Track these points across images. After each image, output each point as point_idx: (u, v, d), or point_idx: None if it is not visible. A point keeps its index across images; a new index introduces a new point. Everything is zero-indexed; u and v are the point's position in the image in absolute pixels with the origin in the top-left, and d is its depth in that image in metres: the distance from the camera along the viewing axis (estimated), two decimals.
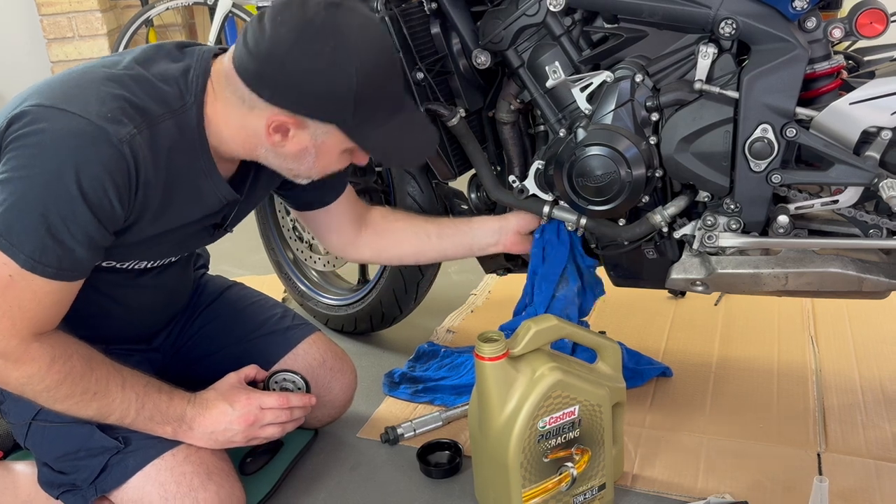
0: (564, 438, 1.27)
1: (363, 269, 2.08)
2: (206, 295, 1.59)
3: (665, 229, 1.44)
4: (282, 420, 1.34)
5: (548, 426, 1.24)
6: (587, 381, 1.28)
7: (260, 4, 1.81)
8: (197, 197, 1.25)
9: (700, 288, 1.46)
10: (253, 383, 1.40)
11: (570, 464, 1.28)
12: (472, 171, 1.64)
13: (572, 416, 1.26)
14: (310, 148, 1.19)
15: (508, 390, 1.24)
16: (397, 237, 1.60)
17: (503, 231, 1.58)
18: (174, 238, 1.29)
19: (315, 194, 1.51)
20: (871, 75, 1.33)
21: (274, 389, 1.42)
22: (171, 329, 1.54)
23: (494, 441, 1.26)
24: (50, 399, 1.18)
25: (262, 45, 1.11)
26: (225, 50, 1.23)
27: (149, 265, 1.33)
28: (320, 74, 1.11)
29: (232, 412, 1.30)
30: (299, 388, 1.44)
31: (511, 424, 1.23)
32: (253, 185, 1.36)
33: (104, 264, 1.23)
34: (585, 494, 1.32)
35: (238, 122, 1.19)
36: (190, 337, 1.55)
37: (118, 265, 1.27)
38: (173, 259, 1.39)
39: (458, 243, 1.59)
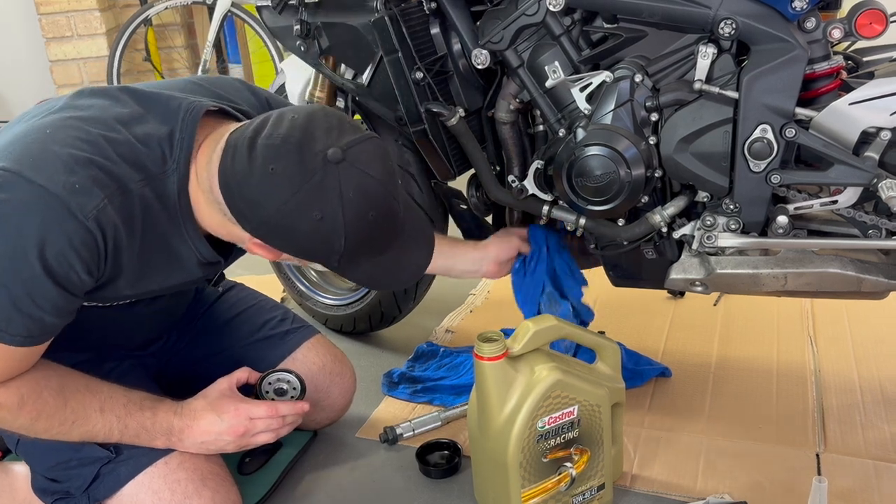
0: (563, 438, 1.27)
1: None
2: (205, 298, 1.57)
3: (664, 229, 1.44)
4: (273, 428, 1.32)
5: (547, 426, 1.24)
6: (586, 382, 1.28)
7: (259, 4, 1.81)
8: (175, 261, 1.20)
9: (699, 288, 1.46)
10: (247, 386, 1.38)
11: (569, 464, 1.28)
12: (472, 171, 1.63)
13: (571, 416, 1.26)
14: (294, 260, 1.19)
15: (508, 390, 1.24)
16: None
17: (484, 261, 1.58)
18: (157, 291, 1.25)
19: None
20: (871, 76, 1.33)
21: (267, 392, 1.40)
22: (168, 335, 1.52)
23: (493, 441, 1.26)
24: (30, 433, 1.17)
25: (249, 187, 1.06)
26: (217, 107, 1.18)
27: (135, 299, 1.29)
28: (305, 237, 1.08)
29: (221, 423, 1.27)
30: (294, 389, 1.43)
31: (510, 424, 1.23)
32: (238, 251, 1.31)
33: (86, 303, 1.17)
34: (584, 494, 1.32)
35: (219, 220, 1.14)
36: (188, 342, 1.53)
37: (102, 305, 1.23)
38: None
39: (438, 265, 1.54)
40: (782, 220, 1.32)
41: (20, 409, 1.13)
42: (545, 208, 1.53)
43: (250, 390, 1.38)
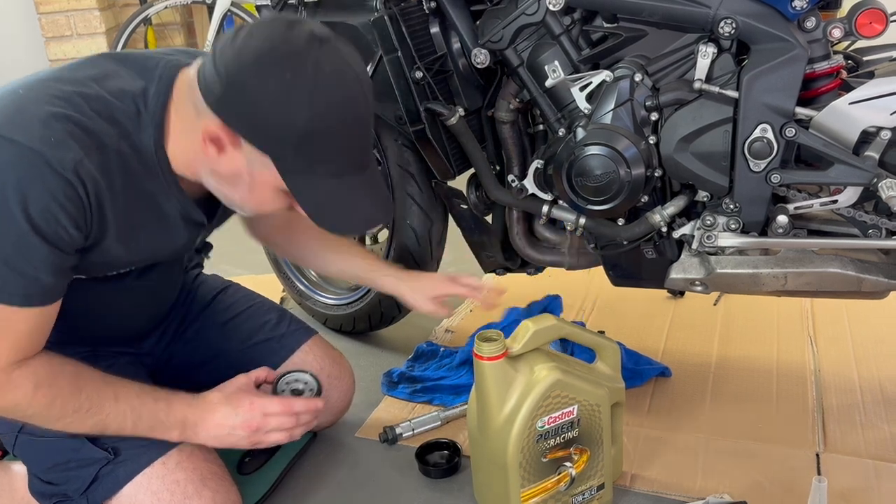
0: (563, 438, 1.27)
1: None
2: (199, 299, 1.56)
3: (664, 229, 1.44)
4: (287, 426, 1.31)
5: (546, 426, 1.24)
6: (586, 381, 1.28)
7: (259, 3, 1.81)
8: (161, 219, 1.20)
9: (699, 288, 1.46)
10: (266, 385, 1.38)
11: (568, 463, 1.28)
12: (472, 171, 1.63)
13: (571, 416, 1.26)
14: (243, 174, 1.11)
15: (507, 390, 1.24)
16: (303, 246, 1.58)
17: (415, 291, 1.53)
18: (144, 258, 1.26)
19: None
20: (871, 75, 1.33)
21: (283, 391, 1.40)
22: (163, 333, 1.50)
23: (493, 441, 1.25)
24: (43, 422, 1.16)
25: (228, 52, 1.04)
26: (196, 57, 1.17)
27: (118, 273, 1.28)
28: (269, 98, 1.03)
29: (235, 417, 1.26)
30: (311, 390, 1.41)
31: (510, 424, 1.23)
32: (223, 213, 1.31)
33: (79, 276, 1.18)
34: (584, 494, 1.32)
35: (188, 136, 1.12)
36: (183, 344, 1.52)
37: (91, 278, 1.23)
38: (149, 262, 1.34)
39: (358, 266, 1.55)
40: (782, 219, 1.32)
41: (35, 393, 1.12)
42: (545, 208, 1.53)
43: (266, 391, 1.37)
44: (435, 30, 1.54)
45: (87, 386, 1.18)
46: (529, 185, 1.52)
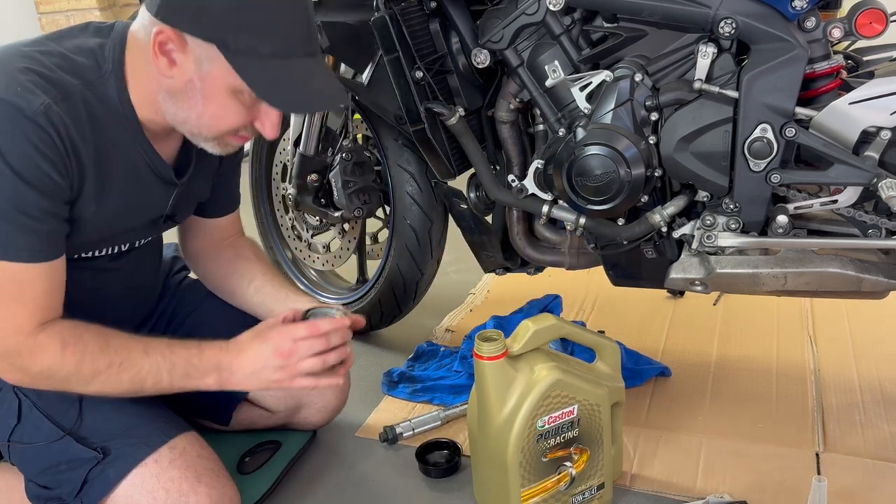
0: (563, 438, 1.27)
1: (362, 268, 2.07)
2: (187, 302, 1.56)
3: (664, 229, 1.44)
4: (318, 349, 1.27)
5: (547, 425, 1.24)
6: (586, 381, 1.28)
7: None
8: (131, 172, 1.22)
9: (699, 287, 1.46)
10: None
11: (568, 463, 1.28)
12: (472, 171, 1.63)
13: (571, 416, 1.26)
14: (195, 81, 1.12)
15: (507, 389, 1.24)
16: (225, 271, 1.54)
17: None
18: (120, 224, 1.26)
19: (208, 203, 1.48)
20: (871, 75, 1.33)
21: None
22: (150, 334, 1.49)
23: (493, 440, 1.26)
24: (80, 382, 1.17)
25: None
26: None
27: (97, 253, 1.30)
28: None
29: (266, 348, 1.25)
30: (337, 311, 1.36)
31: (510, 424, 1.23)
32: (194, 174, 1.34)
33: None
34: (584, 494, 1.32)
35: (144, 66, 1.14)
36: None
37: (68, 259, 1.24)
38: (125, 248, 1.35)
39: (266, 304, 1.48)
40: (782, 219, 1.32)
41: (63, 352, 1.14)
42: (545, 208, 1.53)
43: None
44: (435, 29, 1.54)
45: (114, 341, 1.19)
46: (529, 184, 1.52)
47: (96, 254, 1.30)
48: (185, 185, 1.34)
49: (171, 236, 1.54)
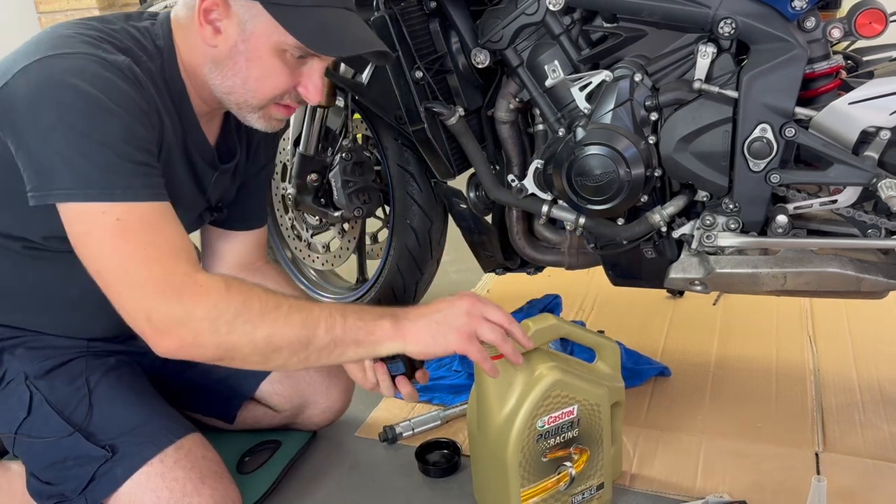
0: (563, 438, 1.27)
1: (362, 268, 2.07)
2: None
3: (664, 229, 1.44)
4: (498, 336, 1.17)
5: (546, 426, 1.24)
6: (586, 381, 1.28)
7: None
8: (184, 148, 1.24)
9: (699, 287, 1.46)
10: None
11: (568, 463, 1.28)
12: (471, 170, 1.63)
13: (571, 416, 1.26)
14: (239, 44, 1.14)
15: (507, 389, 1.24)
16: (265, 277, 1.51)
17: None
18: (175, 208, 1.25)
19: (235, 212, 1.47)
20: (870, 75, 1.33)
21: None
22: None
23: (493, 440, 1.26)
24: (248, 325, 1.06)
25: None
26: None
27: None
28: None
29: (449, 301, 1.16)
30: None
31: (510, 424, 1.23)
32: (239, 160, 1.35)
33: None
34: (584, 494, 1.32)
35: (190, 41, 1.18)
36: None
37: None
38: None
39: None
40: (782, 219, 1.32)
41: (228, 291, 1.07)
42: (545, 207, 1.53)
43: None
44: (435, 29, 1.54)
45: (279, 294, 1.12)
46: (529, 184, 1.52)
47: None
48: (222, 174, 1.34)
49: None
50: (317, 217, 1.97)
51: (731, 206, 1.35)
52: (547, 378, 1.23)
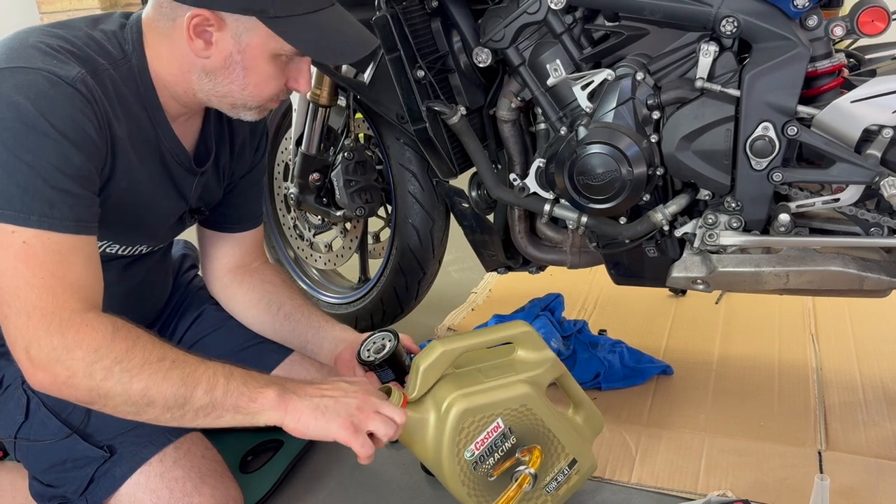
0: (501, 452, 1.22)
1: (364, 267, 2.08)
2: (197, 301, 1.55)
3: (666, 228, 1.44)
4: (390, 431, 1.13)
5: (476, 451, 1.19)
6: (499, 389, 1.21)
7: None
8: (154, 154, 1.23)
9: (701, 286, 1.46)
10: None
11: (522, 467, 1.23)
12: (473, 170, 1.63)
13: (499, 430, 1.21)
14: (234, 55, 1.14)
15: (424, 435, 1.19)
16: (251, 297, 1.50)
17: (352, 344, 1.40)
18: (147, 215, 1.26)
19: (227, 213, 1.47)
20: (873, 73, 1.33)
21: (368, 355, 1.31)
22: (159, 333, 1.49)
23: (442, 480, 1.22)
24: (125, 374, 1.03)
25: None
26: None
27: (120, 251, 1.29)
28: None
29: (349, 387, 1.14)
30: (390, 341, 1.33)
31: (439, 466, 1.19)
32: (215, 161, 1.34)
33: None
34: (557, 479, 1.28)
35: (169, 49, 1.16)
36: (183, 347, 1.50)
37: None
38: (144, 250, 1.35)
39: (298, 333, 1.46)
40: (784, 218, 1.32)
41: (115, 335, 1.04)
42: (547, 206, 1.53)
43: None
44: (437, 28, 1.54)
45: (167, 345, 1.10)
46: (531, 183, 1.52)
47: (119, 252, 1.29)
48: (203, 176, 1.33)
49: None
50: (319, 216, 1.97)
51: (733, 205, 1.35)
52: (453, 411, 1.17)
